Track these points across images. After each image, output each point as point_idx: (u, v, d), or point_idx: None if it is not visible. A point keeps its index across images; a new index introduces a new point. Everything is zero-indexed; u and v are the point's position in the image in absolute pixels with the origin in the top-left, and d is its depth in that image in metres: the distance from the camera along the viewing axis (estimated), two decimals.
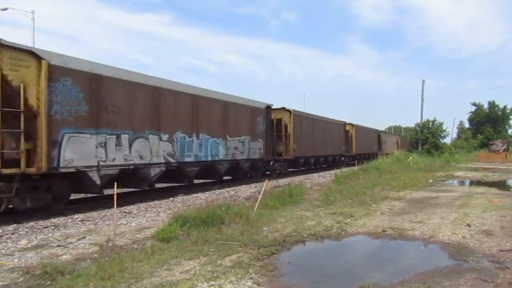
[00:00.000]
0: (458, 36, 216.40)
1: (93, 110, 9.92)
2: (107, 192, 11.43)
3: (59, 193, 9.63)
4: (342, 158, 31.96)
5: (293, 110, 22.41)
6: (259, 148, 18.38)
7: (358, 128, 35.87)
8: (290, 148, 21.75)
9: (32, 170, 8.60)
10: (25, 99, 8.46)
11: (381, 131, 44.88)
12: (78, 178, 9.81)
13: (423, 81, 46.77)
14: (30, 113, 8.55)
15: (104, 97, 10.25)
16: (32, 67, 8.62)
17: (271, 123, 20.42)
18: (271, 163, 20.54)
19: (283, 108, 21.93)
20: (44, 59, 8.72)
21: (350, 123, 34.00)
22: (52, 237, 7.05)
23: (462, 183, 18.40)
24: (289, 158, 21.89)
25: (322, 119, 27.91)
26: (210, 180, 17.00)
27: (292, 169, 23.64)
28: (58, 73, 9.06)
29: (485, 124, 72.17)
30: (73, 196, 12.49)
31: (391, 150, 46.20)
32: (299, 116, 23.16)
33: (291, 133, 21.87)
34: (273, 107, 20.42)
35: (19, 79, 8.46)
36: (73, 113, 9.40)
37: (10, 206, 8.71)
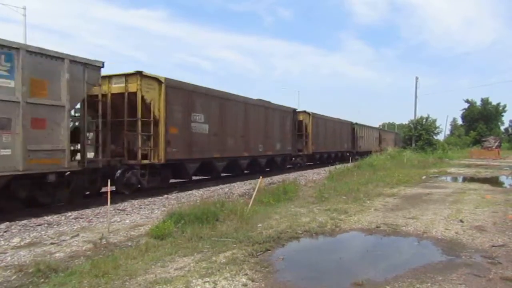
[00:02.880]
0: (452, 33, 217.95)
1: None
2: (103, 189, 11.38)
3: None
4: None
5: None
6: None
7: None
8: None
9: None
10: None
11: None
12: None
13: (417, 78, 46.83)
14: None
15: None
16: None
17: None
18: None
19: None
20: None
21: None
22: (45, 235, 7.00)
23: (455, 179, 18.53)
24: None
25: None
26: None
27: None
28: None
29: (478, 121, 72.71)
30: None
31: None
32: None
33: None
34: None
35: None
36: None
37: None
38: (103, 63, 10.41)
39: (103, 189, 11.53)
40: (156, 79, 12.42)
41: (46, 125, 8.91)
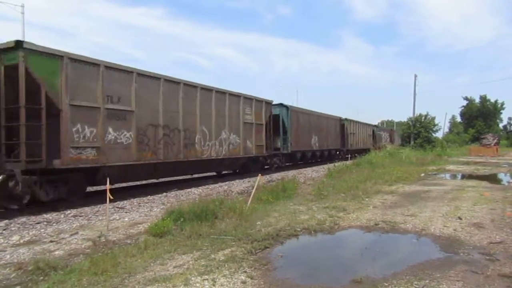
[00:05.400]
0: (451, 30, 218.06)
1: None
2: (101, 187, 11.39)
3: None
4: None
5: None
6: None
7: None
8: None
9: None
10: None
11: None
12: None
13: (415, 75, 46.98)
14: None
15: None
16: None
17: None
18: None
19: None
20: None
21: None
22: (44, 233, 7.01)
23: (453, 176, 18.56)
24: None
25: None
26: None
27: None
28: None
29: (477, 118, 72.83)
30: None
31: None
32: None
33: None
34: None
35: None
36: None
37: None
38: None
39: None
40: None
41: None
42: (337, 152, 30.26)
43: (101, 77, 10.45)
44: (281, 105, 22.35)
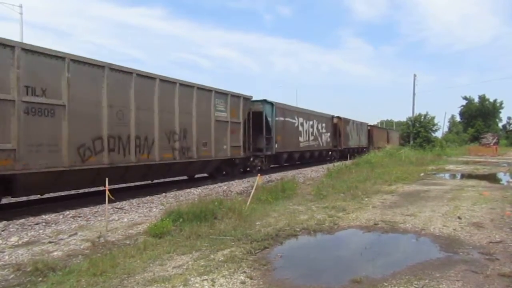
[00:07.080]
0: (451, 30, 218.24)
1: None
2: (100, 188, 11.36)
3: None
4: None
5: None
6: None
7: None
8: None
9: None
10: None
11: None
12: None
13: (415, 75, 46.95)
14: None
15: None
16: None
17: None
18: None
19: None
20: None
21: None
22: (43, 234, 6.98)
23: (453, 176, 18.57)
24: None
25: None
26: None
27: None
28: None
29: (476, 118, 72.82)
30: (65, 193, 12.41)
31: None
32: None
33: None
34: None
35: None
36: None
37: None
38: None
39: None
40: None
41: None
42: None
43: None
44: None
